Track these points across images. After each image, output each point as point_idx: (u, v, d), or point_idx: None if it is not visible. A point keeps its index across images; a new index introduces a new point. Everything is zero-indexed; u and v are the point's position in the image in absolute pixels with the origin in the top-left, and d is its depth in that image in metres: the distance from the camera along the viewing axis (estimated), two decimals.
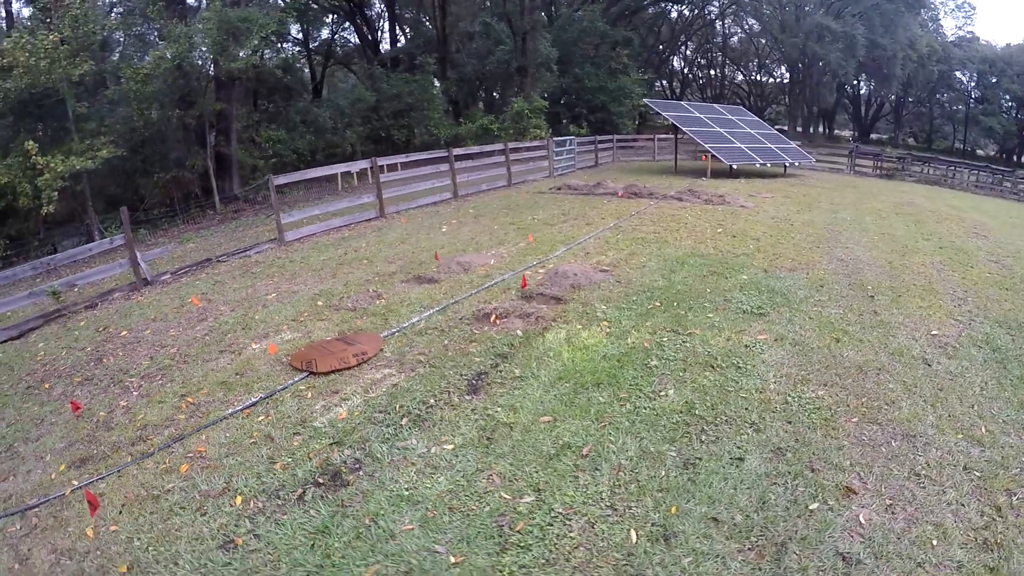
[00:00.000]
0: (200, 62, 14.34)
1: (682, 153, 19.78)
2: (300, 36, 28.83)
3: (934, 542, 2.87)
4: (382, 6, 30.82)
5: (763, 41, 41.66)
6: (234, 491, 3.46)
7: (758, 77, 47.06)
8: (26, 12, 17.84)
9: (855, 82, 41.07)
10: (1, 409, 5.20)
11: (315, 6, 26.80)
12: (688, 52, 48.47)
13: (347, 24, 30.40)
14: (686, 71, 49.83)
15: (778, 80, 45.06)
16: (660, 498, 3.16)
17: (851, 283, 6.60)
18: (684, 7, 39.25)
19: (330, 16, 29.60)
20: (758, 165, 17.45)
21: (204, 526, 3.20)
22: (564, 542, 2.84)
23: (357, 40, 30.89)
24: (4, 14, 18.45)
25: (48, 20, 13.39)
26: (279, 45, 24.39)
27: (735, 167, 16.64)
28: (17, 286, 9.12)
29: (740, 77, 49.23)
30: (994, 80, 38.39)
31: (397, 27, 31.39)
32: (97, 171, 13.88)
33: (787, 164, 18.35)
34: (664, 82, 46.95)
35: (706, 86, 48.73)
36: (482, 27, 25.68)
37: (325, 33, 31.00)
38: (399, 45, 29.51)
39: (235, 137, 17.62)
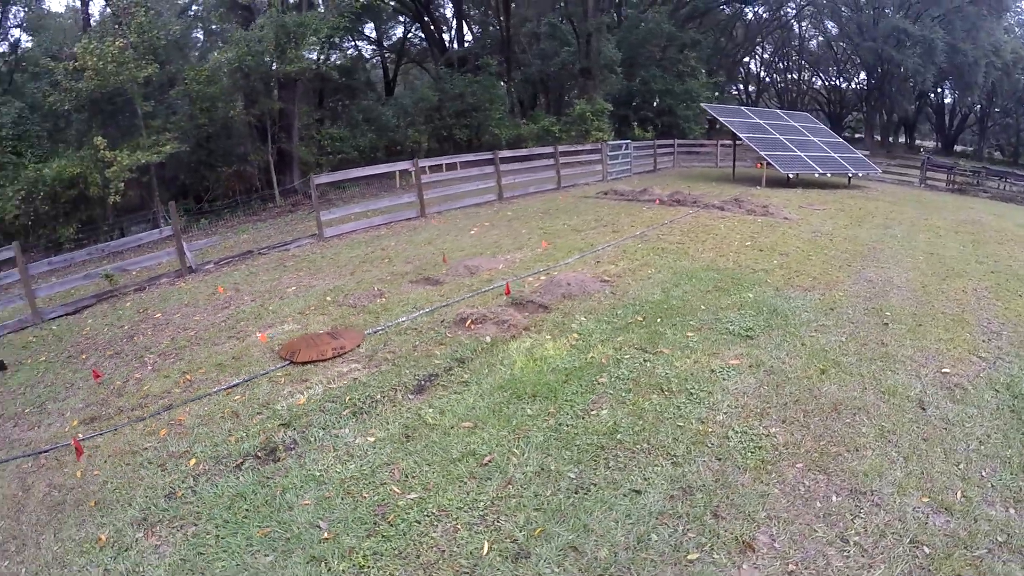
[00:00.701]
0: (261, 64, 15.89)
1: (745, 160, 19.62)
2: (374, 35, 30.77)
3: None
4: (451, 6, 32.23)
5: (842, 45, 40.20)
6: (192, 455, 4.21)
7: (838, 83, 45.23)
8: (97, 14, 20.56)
9: (938, 90, 39.10)
10: (43, 374, 6.33)
11: (384, 5, 28.36)
12: (766, 55, 47.33)
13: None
14: (763, 75, 48.66)
15: (858, 86, 43.27)
16: (533, 517, 3.28)
17: (868, 308, 6.34)
18: (760, 7, 38.37)
19: (403, 15, 31.30)
20: (817, 175, 17.17)
21: (160, 479, 3.97)
22: (423, 540, 3.17)
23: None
24: (82, 18, 21.36)
25: (118, 26, 15.37)
26: (344, 47, 26.19)
27: (792, 176, 16.48)
28: (84, 266, 10.58)
29: (819, 82, 47.56)
30: None
31: (465, 26, 32.69)
32: (166, 163, 15.81)
33: (851, 175, 17.92)
34: (740, 86, 45.92)
35: (784, 91, 47.38)
36: (548, 28, 26.42)
37: (400, 31, 32.98)
38: (466, 45, 30.70)
39: (296, 134, 19.23)
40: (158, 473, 4.04)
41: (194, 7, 21.14)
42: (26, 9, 24.04)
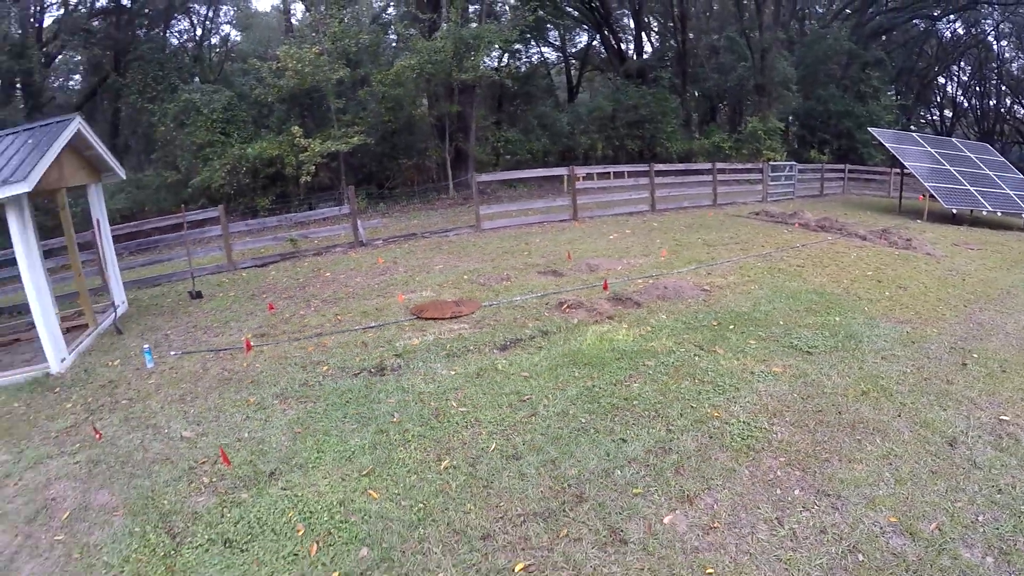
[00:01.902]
0: (441, 70, 18.34)
1: (916, 191, 18.34)
2: (559, 42, 32.98)
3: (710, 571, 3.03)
4: (631, 18, 33.28)
5: None
6: (326, 364, 6.00)
7: None
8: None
9: None
10: (231, 304, 8.79)
11: (560, 19, 30.14)
12: (964, 77, 41.20)
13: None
14: (962, 99, 42.33)
15: None
16: (537, 439, 4.33)
17: (956, 347, 6.10)
18: (956, 23, 33.90)
19: (586, 25, 33.11)
20: (986, 212, 15.72)
21: (299, 374, 5.80)
22: (455, 435, 4.47)
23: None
24: (285, 22, 26.45)
25: (315, 33, 18.72)
26: (527, 54, 28.49)
27: (955, 211, 15.36)
28: (274, 230, 13.45)
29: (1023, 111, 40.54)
30: None
31: (645, 38, 33.60)
32: (353, 152, 18.93)
33: None
34: (935, 111, 40.79)
35: (983, 118, 40.94)
36: (727, 42, 26.41)
37: (585, 39, 35.03)
38: (645, 57, 31.56)
39: (473, 135, 21.72)
40: (299, 371, 5.88)
41: (384, 15, 24.74)
42: (235, 8, 29.70)
